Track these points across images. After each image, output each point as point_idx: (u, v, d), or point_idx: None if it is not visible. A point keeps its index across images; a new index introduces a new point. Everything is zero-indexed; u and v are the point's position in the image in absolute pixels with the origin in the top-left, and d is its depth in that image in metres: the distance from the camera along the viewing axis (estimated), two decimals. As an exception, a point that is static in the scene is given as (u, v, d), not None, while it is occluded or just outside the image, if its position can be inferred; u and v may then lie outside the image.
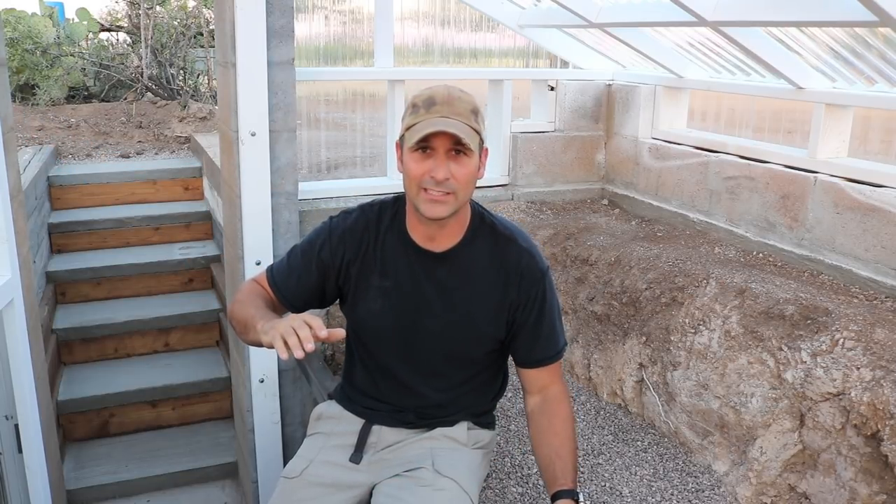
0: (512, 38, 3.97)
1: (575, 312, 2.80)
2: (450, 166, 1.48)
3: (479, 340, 1.67)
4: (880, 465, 1.76)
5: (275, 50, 2.40)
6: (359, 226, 1.67)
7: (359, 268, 1.66)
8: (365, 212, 1.70)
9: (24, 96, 6.74)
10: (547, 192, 3.46)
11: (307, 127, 4.28)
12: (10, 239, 2.09)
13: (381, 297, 1.65)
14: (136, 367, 4.04)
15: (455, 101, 1.49)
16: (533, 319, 1.64)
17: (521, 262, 1.63)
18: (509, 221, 1.72)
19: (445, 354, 1.68)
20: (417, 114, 1.49)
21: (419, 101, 1.51)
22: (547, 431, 1.63)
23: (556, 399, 1.67)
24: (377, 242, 1.66)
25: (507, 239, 1.65)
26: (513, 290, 1.63)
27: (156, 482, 3.54)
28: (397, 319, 1.65)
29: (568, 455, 1.59)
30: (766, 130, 3.36)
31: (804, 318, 2.04)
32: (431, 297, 1.63)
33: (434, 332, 1.65)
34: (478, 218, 1.66)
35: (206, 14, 7.58)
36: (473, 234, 1.64)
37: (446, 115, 1.47)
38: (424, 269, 1.63)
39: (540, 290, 1.64)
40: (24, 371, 2.16)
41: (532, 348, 1.67)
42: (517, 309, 1.64)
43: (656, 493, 2.07)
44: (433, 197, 1.49)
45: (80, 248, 4.49)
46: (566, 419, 1.65)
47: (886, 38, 2.19)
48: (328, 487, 1.64)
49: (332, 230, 1.68)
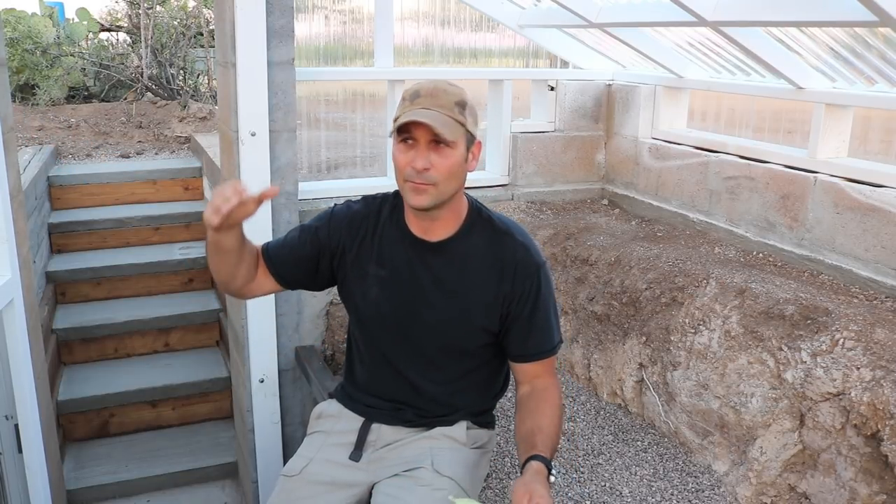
0: (512, 38, 3.97)
1: (575, 312, 2.80)
2: (430, 157, 1.49)
3: (473, 331, 1.67)
4: (880, 465, 1.76)
5: (275, 50, 2.40)
6: (359, 214, 1.70)
7: (356, 254, 1.68)
8: (367, 202, 1.72)
9: (24, 96, 6.74)
10: (547, 192, 3.46)
11: (307, 127, 4.28)
12: (10, 239, 2.09)
13: (377, 286, 1.67)
14: (136, 367, 4.04)
15: (440, 93, 1.51)
16: (527, 313, 1.65)
17: (516, 255, 1.64)
18: (508, 218, 1.73)
19: (441, 345, 1.68)
20: (404, 106, 1.52)
21: (407, 94, 1.54)
22: (534, 411, 1.63)
23: (546, 388, 1.68)
24: (375, 232, 1.68)
25: (503, 232, 1.66)
26: (507, 282, 1.63)
27: (156, 482, 3.53)
28: (394, 308, 1.67)
29: (550, 432, 1.58)
30: (766, 130, 3.36)
31: (804, 318, 2.04)
32: (427, 287, 1.65)
33: (429, 322, 1.66)
34: (475, 212, 1.68)
35: (206, 14, 7.58)
36: (470, 226, 1.65)
37: (427, 107, 1.49)
38: (420, 258, 1.65)
39: (534, 283, 1.64)
40: (24, 371, 2.16)
41: (525, 342, 1.67)
42: (511, 302, 1.64)
43: (656, 493, 2.07)
44: (415, 187, 1.51)
45: (80, 248, 4.49)
46: (555, 406, 1.65)
47: (886, 38, 2.19)
48: (328, 486, 1.65)
49: (333, 215, 1.71)
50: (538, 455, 1.50)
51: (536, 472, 1.46)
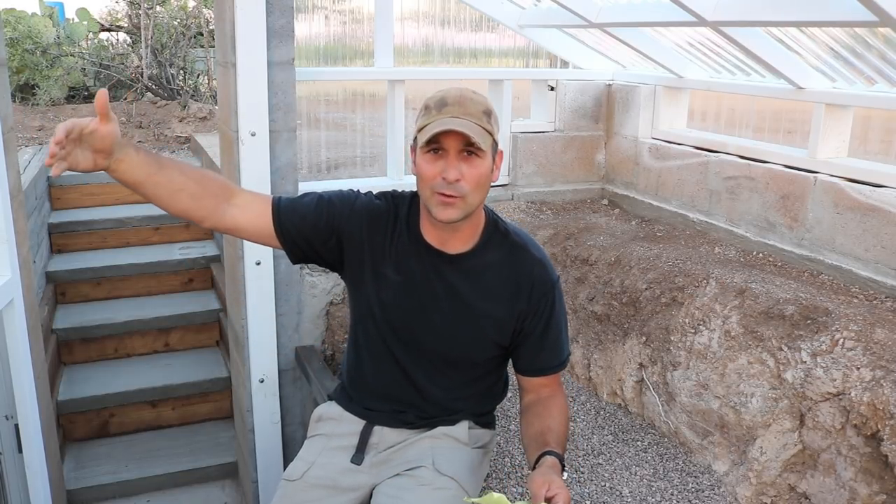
0: (512, 38, 3.97)
1: (575, 312, 2.80)
2: (461, 167, 1.46)
3: (485, 346, 1.67)
4: (880, 465, 1.76)
5: (275, 50, 2.40)
6: (380, 209, 1.65)
7: (369, 252, 1.63)
8: (387, 199, 1.68)
9: (24, 96, 6.74)
10: (547, 192, 3.46)
11: (307, 127, 4.28)
12: (10, 239, 2.09)
13: (391, 289, 1.63)
14: (136, 367, 4.04)
15: (467, 101, 1.48)
16: (539, 331, 1.64)
17: (533, 272, 1.62)
18: (522, 230, 1.71)
19: (450, 355, 1.67)
20: (429, 115, 1.48)
21: (431, 102, 1.50)
22: (541, 414, 1.63)
23: (552, 396, 1.68)
24: (392, 234, 1.64)
25: (520, 248, 1.64)
26: (523, 299, 1.62)
27: (156, 482, 3.53)
28: (407, 313, 1.64)
29: (560, 431, 1.58)
30: (766, 130, 3.36)
31: (804, 318, 2.04)
32: (441, 297, 1.62)
33: (441, 331, 1.64)
34: (492, 224, 1.65)
35: (206, 14, 7.58)
36: (487, 239, 1.63)
37: (457, 115, 1.45)
38: (436, 269, 1.62)
39: (549, 300, 1.63)
40: (24, 371, 2.16)
41: (535, 358, 1.67)
42: (525, 318, 1.63)
43: (656, 493, 2.07)
44: (444, 200, 1.47)
45: (80, 248, 4.49)
46: (562, 409, 1.65)
47: (886, 38, 2.19)
48: (329, 489, 1.64)
49: (357, 202, 1.65)
50: (551, 451, 1.50)
51: (551, 465, 1.45)
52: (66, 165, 1.34)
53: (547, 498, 1.33)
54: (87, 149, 1.37)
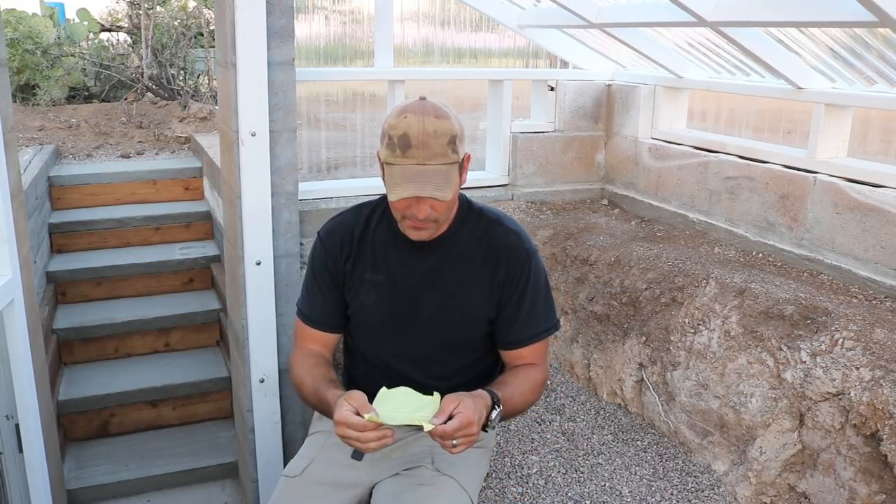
0: (512, 38, 3.97)
1: (575, 312, 2.80)
2: (429, 203, 1.50)
3: (474, 323, 1.69)
4: (880, 464, 1.76)
5: (275, 50, 2.40)
6: (346, 223, 1.72)
7: (353, 262, 1.70)
8: (352, 211, 1.75)
9: (24, 96, 6.74)
10: (547, 192, 3.46)
11: (307, 127, 4.28)
12: (11, 239, 2.09)
13: (373, 291, 1.68)
14: (136, 367, 4.04)
15: (430, 140, 1.45)
16: (516, 299, 1.67)
17: (507, 242, 1.67)
18: (496, 208, 1.76)
19: (442, 341, 1.69)
20: (393, 153, 1.47)
21: (395, 136, 1.47)
22: (507, 375, 1.68)
23: (531, 367, 1.70)
24: (366, 237, 1.69)
25: (494, 222, 1.69)
26: (501, 269, 1.66)
27: (156, 482, 3.53)
28: (391, 311, 1.68)
29: (513, 390, 1.60)
30: (766, 130, 3.36)
31: (804, 318, 2.05)
32: (423, 284, 1.66)
33: (429, 318, 1.66)
34: (465, 206, 1.70)
35: (207, 14, 7.58)
36: (462, 220, 1.68)
37: (422, 162, 1.45)
38: (414, 257, 1.66)
39: (525, 269, 1.66)
40: (24, 371, 2.16)
41: (511, 328, 1.69)
42: (503, 287, 1.66)
43: (656, 492, 2.07)
44: (415, 225, 1.54)
45: (81, 248, 4.49)
46: (530, 380, 1.67)
47: (886, 38, 2.19)
48: (329, 486, 1.65)
49: (322, 239, 1.74)
50: (490, 389, 1.53)
51: (479, 394, 1.48)
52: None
53: (452, 415, 1.38)
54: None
